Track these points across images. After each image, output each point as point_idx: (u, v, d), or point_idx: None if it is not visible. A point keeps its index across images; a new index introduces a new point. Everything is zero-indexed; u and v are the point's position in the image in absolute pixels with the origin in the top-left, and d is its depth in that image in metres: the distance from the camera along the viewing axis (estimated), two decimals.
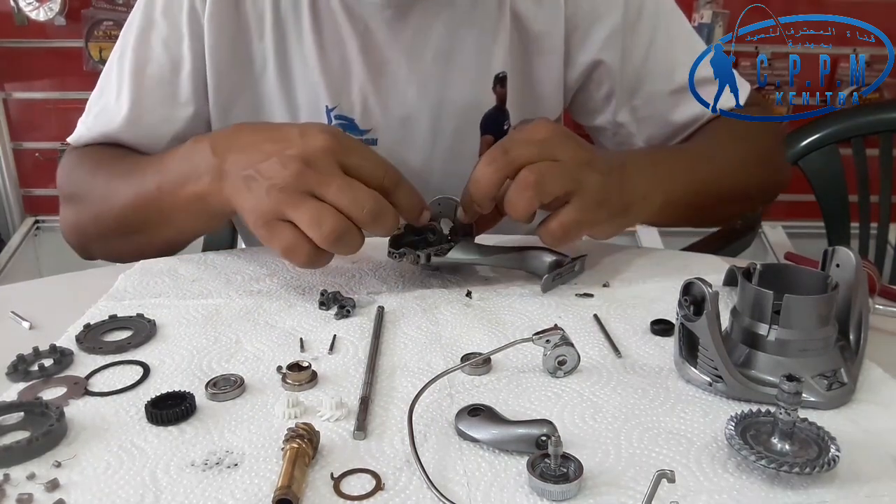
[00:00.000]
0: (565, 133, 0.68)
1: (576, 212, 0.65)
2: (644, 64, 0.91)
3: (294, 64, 0.88)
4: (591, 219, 0.67)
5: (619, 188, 0.69)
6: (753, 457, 0.42)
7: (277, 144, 0.64)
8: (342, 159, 0.63)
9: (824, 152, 1.28)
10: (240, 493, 0.42)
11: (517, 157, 0.64)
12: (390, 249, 0.69)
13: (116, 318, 0.63)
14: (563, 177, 0.64)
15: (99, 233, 0.83)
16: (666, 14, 0.92)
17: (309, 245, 0.62)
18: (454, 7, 0.87)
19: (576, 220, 0.66)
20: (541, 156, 0.64)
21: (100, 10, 2.32)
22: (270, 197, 0.62)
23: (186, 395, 0.50)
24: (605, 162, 0.70)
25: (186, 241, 0.82)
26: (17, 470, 0.44)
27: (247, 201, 0.64)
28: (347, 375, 0.55)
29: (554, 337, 0.54)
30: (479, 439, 0.46)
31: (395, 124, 0.90)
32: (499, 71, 0.90)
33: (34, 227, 2.56)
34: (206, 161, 0.68)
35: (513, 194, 0.64)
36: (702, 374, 0.52)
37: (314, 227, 0.61)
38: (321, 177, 0.61)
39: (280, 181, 0.61)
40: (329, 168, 0.62)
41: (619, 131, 0.94)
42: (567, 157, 0.65)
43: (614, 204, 0.68)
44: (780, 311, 0.51)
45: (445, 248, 0.69)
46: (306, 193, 0.61)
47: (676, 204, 0.77)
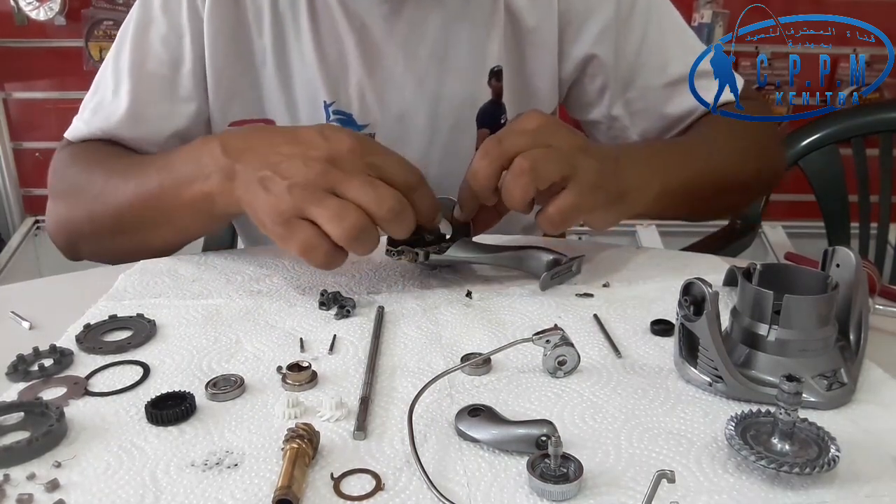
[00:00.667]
0: (557, 122, 0.69)
1: (573, 196, 0.65)
2: (637, 57, 0.91)
3: (292, 60, 0.89)
4: (588, 203, 0.67)
5: (614, 175, 0.69)
6: (753, 457, 0.42)
7: (299, 146, 0.64)
8: (367, 159, 0.63)
9: (824, 152, 1.28)
10: (240, 494, 0.42)
11: (511, 147, 0.65)
12: (388, 247, 0.69)
13: (116, 318, 0.63)
14: (559, 161, 0.64)
15: (93, 231, 0.82)
16: (658, 8, 0.93)
17: (328, 243, 0.61)
18: (448, 2, 0.88)
19: (573, 204, 0.65)
20: (534, 144, 0.65)
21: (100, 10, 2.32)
22: (292, 195, 0.61)
23: (186, 396, 0.50)
24: (600, 150, 0.70)
25: (182, 243, 0.82)
26: (17, 470, 0.44)
27: (263, 201, 0.63)
28: (347, 375, 0.55)
29: (554, 337, 0.54)
30: (479, 439, 0.46)
31: (393, 119, 0.91)
32: (494, 65, 0.90)
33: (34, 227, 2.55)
34: (216, 161, 0.67)
35: (509, 182, 0.64)
36: (702, 374, 0.52)
37: (335, 222, 0.60)
38: (345, 175, 0.62)
39: (302, 179, 0.61)
40: (354, 167, 0.62)
41: (614, 125, 0.95)
42: (561, 143, 0.66)
43: (610, 189, 0.68)
44: (780, 311, 0.51)
45: (444, 246, 0.70)
46: (329, 191, 0.61)
47: (673, 193, 0.77)
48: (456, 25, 0.88)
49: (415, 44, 0.88)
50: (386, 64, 0.89)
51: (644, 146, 0.89)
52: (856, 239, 1.35)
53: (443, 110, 0.91)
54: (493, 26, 0.89)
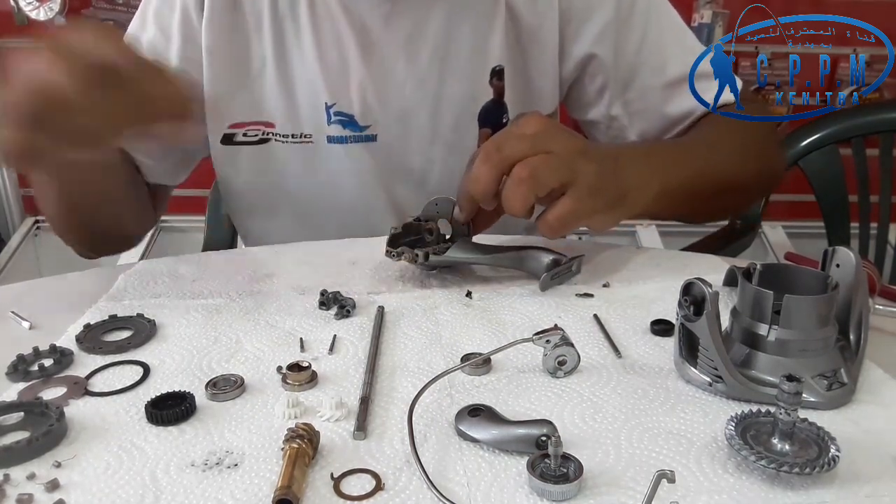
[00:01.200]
0: (557, 125, 0.69)
1: (572, 201, 0.65)
2: (636, 57, 0.92)
3: (293, 62, 0.89)
4: (587, 208, 0.67)
5: (613, 176, 0.69)
6: (753, 457, 0.42)
7: None
8: None
9: (824, 152, 1.28)
10: (240, 494, 0.42)
11: (511, 154, 0.65)
12: (388, 248, 0.69)
13: (116, 318, 0.63)
14: (558, 168, 0.65)
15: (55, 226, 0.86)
16: (658, 8, 0.93)
17: None
18: (449, 1, 0.88)
19: (573, 210, 0.66)
20: (534, 149, 0.65)
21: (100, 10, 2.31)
22: None
23: (186, 396, 0.50)
24: (599, 152, 0.70)
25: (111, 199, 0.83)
26: (17, 470, 0.44)
27: None
28: (347, 375, 0.55)
29: (554, 337, 0.54)
30: (479, 439, 0.46)
31: (395, 119, 0.91)
32: (495, 64, 0.91)
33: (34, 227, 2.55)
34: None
35: (508, 191, 0.64)
36: (702, 374, 0.52)
37: None
38: None
39: None
40: None
41: (613, 125, 0.95)
42: (560, 149, 0.65)
43: (610, 192, 0.68)
44: (780, 311, 0.51)
45: (444, 247, 0.70)
46: None
47: (673, 194, 0.77)
48: (457, 25, 0.89)
49: (416, 44, 0.88)
50: (387, 64, 0.89)
51: (643, 146, 0.89)
52: (856, 239, 1.35)
53: (444, 110, 0.91)
54: (494, 25, 0.89)
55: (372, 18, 0.87)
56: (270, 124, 0.91)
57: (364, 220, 0.94)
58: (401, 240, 0.70)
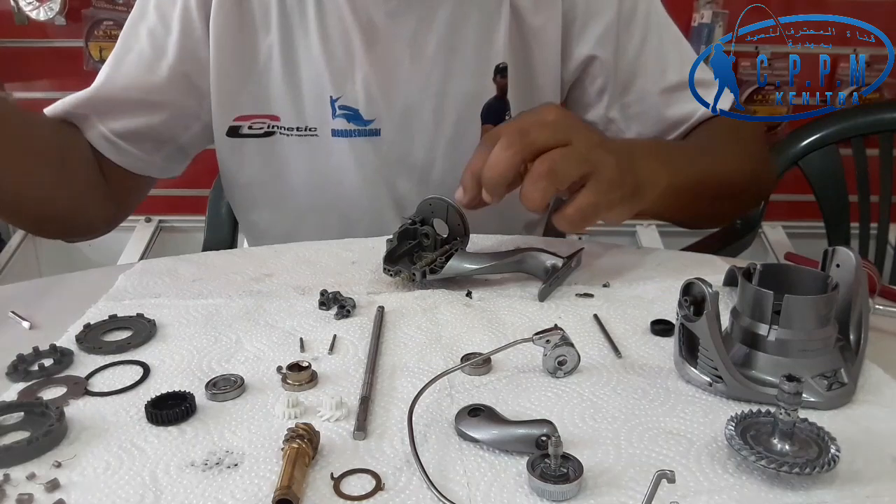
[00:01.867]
0: (574, 116, 0.69)
1: (593, 194, 0.64)
2: (636, 61, 0.93)
3: (299, 56, 0.90)
4: (607, 201, 0.66)
5: (630, 169, 0.69)
6: (753, 457, 0.42)
7: None
8: None
9: (824, 152, 1.28)
10: (240, 494, 0.42)
11: (535, 140, 0.63)
12: (385, 266, 0.69)
13: (116, 318, 0.63)
14: (578, 161, 0.64)
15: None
16: (657, 17, 0.94)
17: None
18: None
19: (593, 203, 0.65)
20: (555, 138, 0.64)
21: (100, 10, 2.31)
22: None
23: (186, 396, 0.50)
24: (615, 144, 0.71)
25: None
26: (17, 470, 0.44)
27: None
28: (347, 375, 0.55)
29: (554, 337, 0.54)
30: (479, 439, 0.46)
31: (399, 114, 0.91)
32: (499, 62, 0.91)
33: None
34: None
35: (528, 185, 0.63)
36: (702, 374, 0.52)
37: None
38: None
39: None
40: None
41: (609, 127, 0.96)
42: (580, 140, 0.65)
43: (627, 185, 0.68)
44: (780, 311, 0.51)
45: (440, 263, 0.69)
46: None
47: (678, 192, 0.77)
48: (462, 22, 0.90)
49: (421, 40, 0.89)
50: (392, 60, 0.89)
51: (650, 141, 0.90)
52: (856, 239, 1.35)
53: (448, 106, 0.92)
54: (499, 23, 0.90)
55: (378, 14, 0.88)
56: (276, 117, 0.92)
57: (366, 213, 0.94)
58: (398, 252, 0.70)
